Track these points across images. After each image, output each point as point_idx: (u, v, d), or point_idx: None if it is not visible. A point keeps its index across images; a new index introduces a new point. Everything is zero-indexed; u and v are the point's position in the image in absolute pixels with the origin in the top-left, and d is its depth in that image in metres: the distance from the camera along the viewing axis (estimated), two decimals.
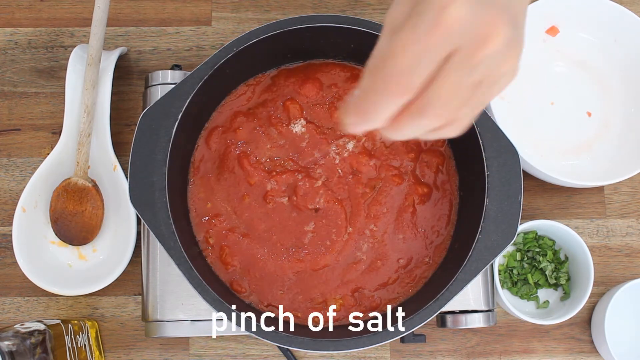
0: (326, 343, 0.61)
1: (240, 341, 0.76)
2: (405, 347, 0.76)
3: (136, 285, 0.77)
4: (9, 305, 0.76)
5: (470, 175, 0.68)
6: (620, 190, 0.81)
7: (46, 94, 0.81)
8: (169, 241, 0.62)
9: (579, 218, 0.80)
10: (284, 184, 0.69)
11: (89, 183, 0.74)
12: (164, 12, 0.83)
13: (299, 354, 0.76)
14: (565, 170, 0.77)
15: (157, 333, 0.68)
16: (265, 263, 0.68)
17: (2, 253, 0.77)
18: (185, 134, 0.66)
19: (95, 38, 0.71)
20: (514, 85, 0.80)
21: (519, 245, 0.76)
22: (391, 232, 0.69)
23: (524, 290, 0.76)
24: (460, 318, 0.69)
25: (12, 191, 0.78)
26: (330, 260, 0.68)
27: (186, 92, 0.64)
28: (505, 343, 0.77)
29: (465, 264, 0.62)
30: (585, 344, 0.77)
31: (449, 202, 0.70)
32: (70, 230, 0.74)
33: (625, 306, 0.75)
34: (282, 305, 0.67)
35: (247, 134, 0.70)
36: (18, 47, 0.82)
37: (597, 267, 0.77)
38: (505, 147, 0.64)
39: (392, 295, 0.68)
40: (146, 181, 0.63)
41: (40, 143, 0.80)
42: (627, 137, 0.78)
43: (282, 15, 0.83)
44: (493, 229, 0.63)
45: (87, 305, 0.76)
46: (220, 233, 0.68)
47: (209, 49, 0.82)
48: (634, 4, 0.83)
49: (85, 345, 0.71)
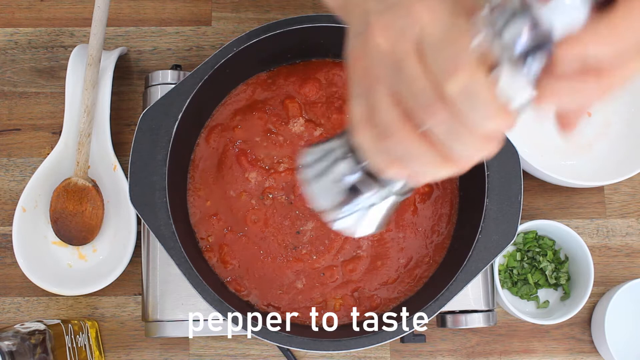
0: (326, 343, 0.61)
1: (240, 341, 0.76)
2: (405, 347, 0.76)
3: (136, 285, 0.77)
4: (9, 305, 0.76)
5: (470, 175, 0.68)
6: (620, 190, 0.81)
7: (46, 94, 0.81)
8: (169, 241, 0.62)
9: (579, 218, 0.80)
10: (282, 183, 0.69)
11: (89, 183, 0.74)
12: (164, 12, 0.83)
13: (299, 354, 0.76)
14: (565, 170, 0.77)
15: (157, 333, 0.68)
16: (265, 262, 0.68)
17: (2, 253, 0.77)
18: (185, 134, 0.66)
19: (95, 38, 0.71)
20: None
21: (519, 245, 0.76)
22: (391, 230, 0.69)
23: (524, 290, 0.76)
24: (460, 318, 0.69)
25: (12, 191, 0.78)
26: (330, 260, 0.68)
27: (186, 92, 0.64)
28: (505, 343, 0.77)
29: (465, 264, 0.62)
30: (585, 344, 0.77)
31: (449, 202, 0.70)
32: (70, 230, 0.74)
33: (625, 306, 0.75)
34: (282, 304, 0.67)
35: (246, 133, 0.70)
36: (18, 47, 0.82)
37: (597, 267, 0.77)
38: (505, 147, 0.64)
39: (392, 295, 0.68)
40: (146, 181, 0.63)
41: (40, 143, 0.80)
42: (627, 137, 0.78)
43: (282, 15, 0.82)
44: (493, 229, 0.63)
45: (87, 305, 0.76)
46: (219, 232, 0.68)
47: (209, 49, 0.82)
48: None
49: (85, 345, 0.71)
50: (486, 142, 0.32)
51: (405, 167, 0.35)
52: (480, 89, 0.29)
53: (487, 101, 0.30)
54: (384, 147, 0.34)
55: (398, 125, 0.33)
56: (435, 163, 0.33)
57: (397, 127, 0.33)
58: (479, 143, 0.32)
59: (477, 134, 0.31)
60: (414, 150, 0.33)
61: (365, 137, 0.35)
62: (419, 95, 0.31)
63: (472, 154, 0.32)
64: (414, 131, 0.32)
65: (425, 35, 0.31)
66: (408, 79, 0.31)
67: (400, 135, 0.33)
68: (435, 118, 0.31)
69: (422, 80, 0.31)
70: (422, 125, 0.32)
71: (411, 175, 0.36)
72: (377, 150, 0.35)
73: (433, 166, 0.34)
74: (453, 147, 0.32)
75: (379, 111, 0.33)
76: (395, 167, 0.35)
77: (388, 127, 0.33)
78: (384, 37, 0.32)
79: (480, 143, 0.32)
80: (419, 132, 0.32)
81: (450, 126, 0.31)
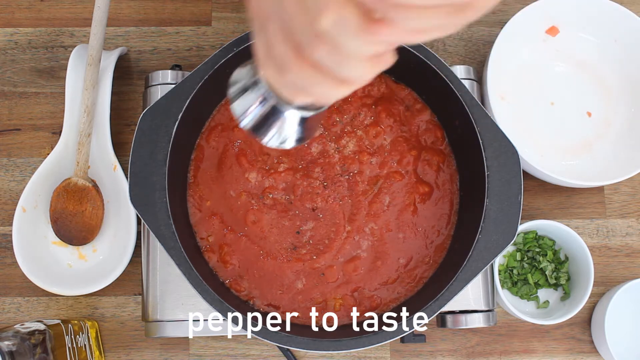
0: (326, 343, 0.61)
1: (240, 341, 0.76)
2: (405, 347, 0.76)
3: (136, 285, 0.77)
4: (9, 305, 0.76)
5: (470, 175, 0.68)
6: (620, 190, 0.81)
7: (46, 94, 0.81)
8: (169, 241, 0.62)
9: (579, 218, 0.80)
10: (282, 183, 0.69)
11: (89, 183, 0.74)
12: (164, 12, 0.83)
13: (299, 354, 0.76)
14: (565, 170, 0.77)
15: (157, 333, 0.68)
16: (265, 262, 0.68)
17: (2, 253, 0.77)
18: (185, 134, 0.66)
19: (95, 38, 0.71)
20: (514, 85, 0.80)
21: (519, 245, 0.76)
22: (391, 230, 0.69)
23: (524, 290, 0.76)
24: (460, 318, 0.69)
25: (12, 191, 0.78)
26: (330, 260, 0.68)
27: (186, 92, 0.64)
28: (505, 343, 0.77)
29: (465, 264, 0.62)
30: (585, 344, 0.77)
31: (449, 202, 0.70)
32: (70, 230, 0.74)
33: (625, 306, 0.75)
34: (282, 304, 0.67)
35: (246, 133, 0.70)
36: (18, 47, 0.82)
37: (597, 267, 0.77)
38: (505, 147, 0.64)
39: (392, 295, 0.68)
40: (146, 181, 0.63)
41: (40, 143, 0.80)
42: (627, 137, 0.78)
43: None
44: (493, 229, 0.63)
45: (87, 305, 0.76)
46: (219, 232, 0.68)
47: (209, 49, 0.82)
48: (634, 4, 0.83)
49: (85, 345, 0.71)
50: (373, 62, 0.34)
51: (309, 94, 0.37)
52: (350, 21, 0.32)
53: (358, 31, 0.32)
54: (285, 81, 0.37)
55: (291, 59, 0.35)
56: (334, 87, 0.36)
57: (291, 61, 0.35)
58: (366, 64, 0.34)
59: (360, 57, 0.34)
60: (311, 79, 0.36)
61: (268, 71, 0.37)
62: (300, 30, 0.33)
63: (363, 73, 0.35)
64: (306, 62, 0.35)
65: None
66: (289, 15, 0.33)
67: (295, 67, 0.35)
68: (319, 50, 0.33)
69: (300, 16, 0.33)
70: (311, 56, 0.34)
71: (317, 99, 0.38)
72: (280, 83, 0.38)
73: (332, 89, 0.36)
74: (343, 72, 0.35)
75: (274, 46, 0.35)
76: (300, 95, 0.38)
77: (283, 61, 0.35)
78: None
79: (367, 64, 0.34)
80: (310, 62, 0.34)
81: (334, 55, 0.33)
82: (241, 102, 0.42)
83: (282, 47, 0.35)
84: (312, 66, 0.35)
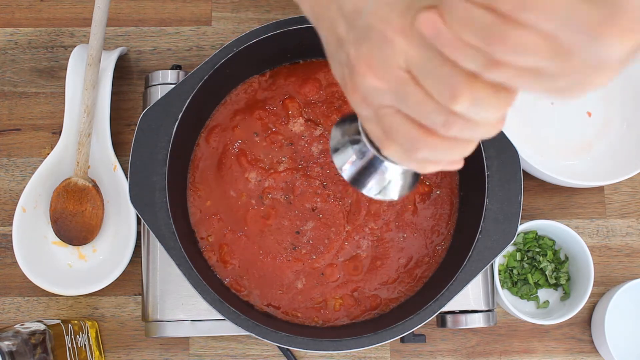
0: (326, 343, 0.61)
1: (241, 341, 0.76)
2: (405, 347, 0.76)
3: (136, 285, 0.77)
4: (9, 305, 0.76)
5: (470, 175, 0.68)
6: (620, 190, 0.81)
7: (46, 94, 0.81)
8: (169, 241, 0.62)
9: (579, 218, 0.80)
10: (282, 183, 0.69)
11: (89, 183, 0.74)
12: (164, 12, 0.83)
13: (299, 354, 0.76)
14: (565, 170, 0.77)
15: (157, 333, 0.68)
16: (265, 262, 0.68)
17: (2, 253, 0.77)
18: (185, 134, 0.66)
19: (95, 38, 0.71)
20: None
21: (519, 245, 0.76)
22: (391, 230, 0.69)
23: (524, 290, 0.76)
24: (460, 318, 0.69)
25: (12, 191, 0.78)
26: (330, 260, 0.68)
27: (186, 92, 0.64)
28: (505, 343, 0.77)
29: (465, 264, 0.62)
30: (585, 344, 0.77)
31: (449, 202, 0.70)
32: (70, 230, 0.74)
33: (625, 306, 0.75)
34: (282, 304, 0.67)
35: (246, 133, 0.70)
36: (18, 47, 0.82)
37: (597, 267, 0.77)
38: (505, 147, 0.64)
39: (392, 295, 0.68)
40: (146, 181, 0.63)
41: (40, 143, 0.80)
42: (627, 137, 0.78)
43: (282, 15, 0.83)
44: (493, 229, 0.63)
45: (87, 305, 0.76)
46: (219, 232, 0.68)
47: (209, 49, 0.82)
48: None
49: (85, 345, 0.71)
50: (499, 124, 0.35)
51: (440, 164, 0.38)
52: (484, 99, 0.31)
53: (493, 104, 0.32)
54: (416, 158, 0.37)
55: (422, 138, 0.35)
56: (465, 149, 0.36)
57: (422, 140, 0.35)
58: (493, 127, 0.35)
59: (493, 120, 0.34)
60: (442, 151, 0.36)
61: (395, 151, 0.37)
62: (431, 115, 0.33)
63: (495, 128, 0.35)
64: (435, 137, 0.35)
65: (413, 64, 0.32)
66: (415, 104, 0.33)
67: (426, 146, 0.35)
68: (453, 128, 0.33)
69: (429, 104, 0.33)
70: (445, 134, 0.34)
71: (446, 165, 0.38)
72: (409, 160, 0.37)
73: (458, 155, 0.37)
74: (476, 136, 0.35)
75: (397, 131, 0.35)
76: (431, 166, 0.38)
77: (412, 143, 0.35)
78: (374, 75, 0.34)
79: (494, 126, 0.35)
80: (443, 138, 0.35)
81: (468, 128, 0.34)
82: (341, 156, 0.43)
83: (409, 131, 0.35)
84: (441, 139, 0.35)
